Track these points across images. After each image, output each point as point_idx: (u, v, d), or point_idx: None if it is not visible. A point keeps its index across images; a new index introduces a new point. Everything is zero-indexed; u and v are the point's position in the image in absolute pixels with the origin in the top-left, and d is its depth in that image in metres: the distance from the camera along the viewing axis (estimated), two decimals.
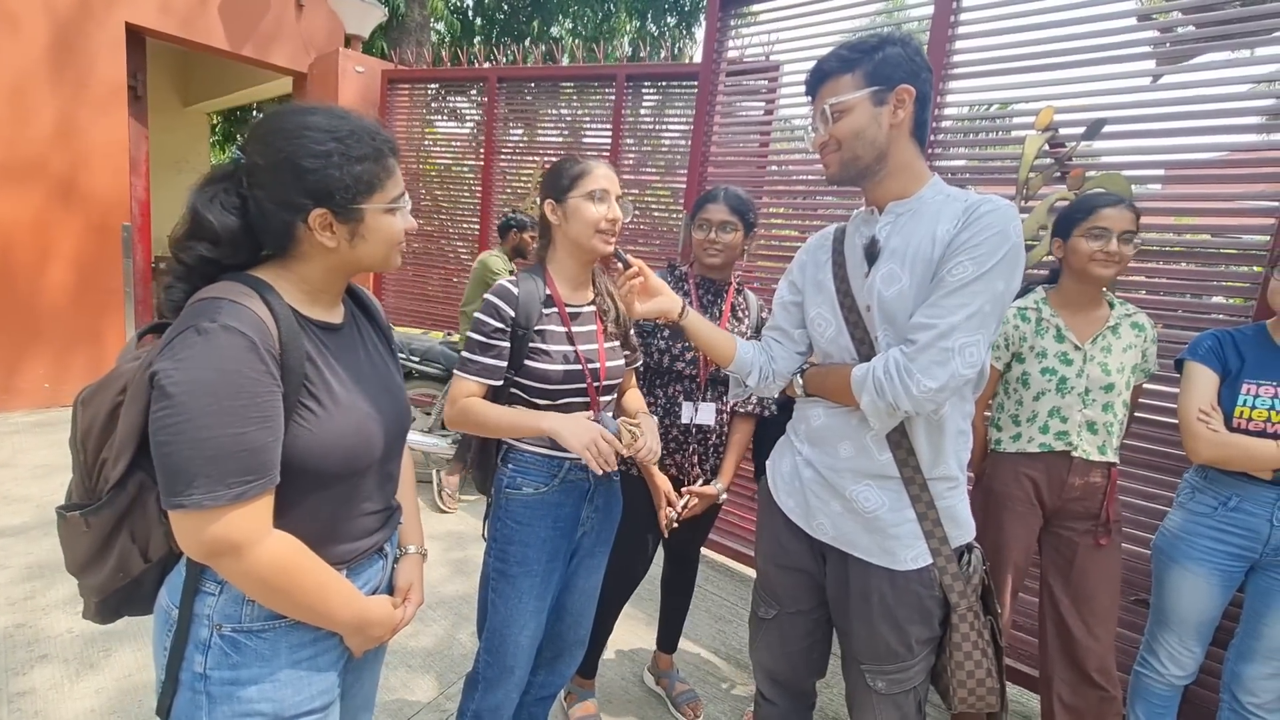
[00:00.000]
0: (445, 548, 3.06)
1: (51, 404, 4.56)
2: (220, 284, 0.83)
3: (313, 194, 0.83)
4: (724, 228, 1.80)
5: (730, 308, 1.86)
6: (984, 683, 1.18)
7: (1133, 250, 1.62)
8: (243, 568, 0.80)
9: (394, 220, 0.91)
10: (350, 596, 0.91)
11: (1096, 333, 1.68)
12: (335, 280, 0.94)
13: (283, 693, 0.88)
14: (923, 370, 1.03)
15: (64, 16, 4.35)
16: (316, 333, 0.90)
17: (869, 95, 1.11)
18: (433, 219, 5.08)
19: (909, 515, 1.17)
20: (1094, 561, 1.69)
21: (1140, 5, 2.16)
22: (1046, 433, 1.70)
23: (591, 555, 1.55)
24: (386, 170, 0.89)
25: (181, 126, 7.67)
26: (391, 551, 1.07)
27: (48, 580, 2.45)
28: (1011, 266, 1.04)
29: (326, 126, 0.84)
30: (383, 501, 1.01)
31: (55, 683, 1.94)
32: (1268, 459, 1.50)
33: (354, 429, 0.89)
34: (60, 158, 4.43)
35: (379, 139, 0.88)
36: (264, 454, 0.79)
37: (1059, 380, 1.68)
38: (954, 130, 2.60)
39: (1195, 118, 2.01)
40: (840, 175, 1.18)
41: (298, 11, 5.48)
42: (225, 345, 0.76)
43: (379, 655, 1.12)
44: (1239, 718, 1.63)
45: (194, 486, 0.74)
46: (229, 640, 0.85)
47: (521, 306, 1.36)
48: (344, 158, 0.84)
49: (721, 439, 1.87)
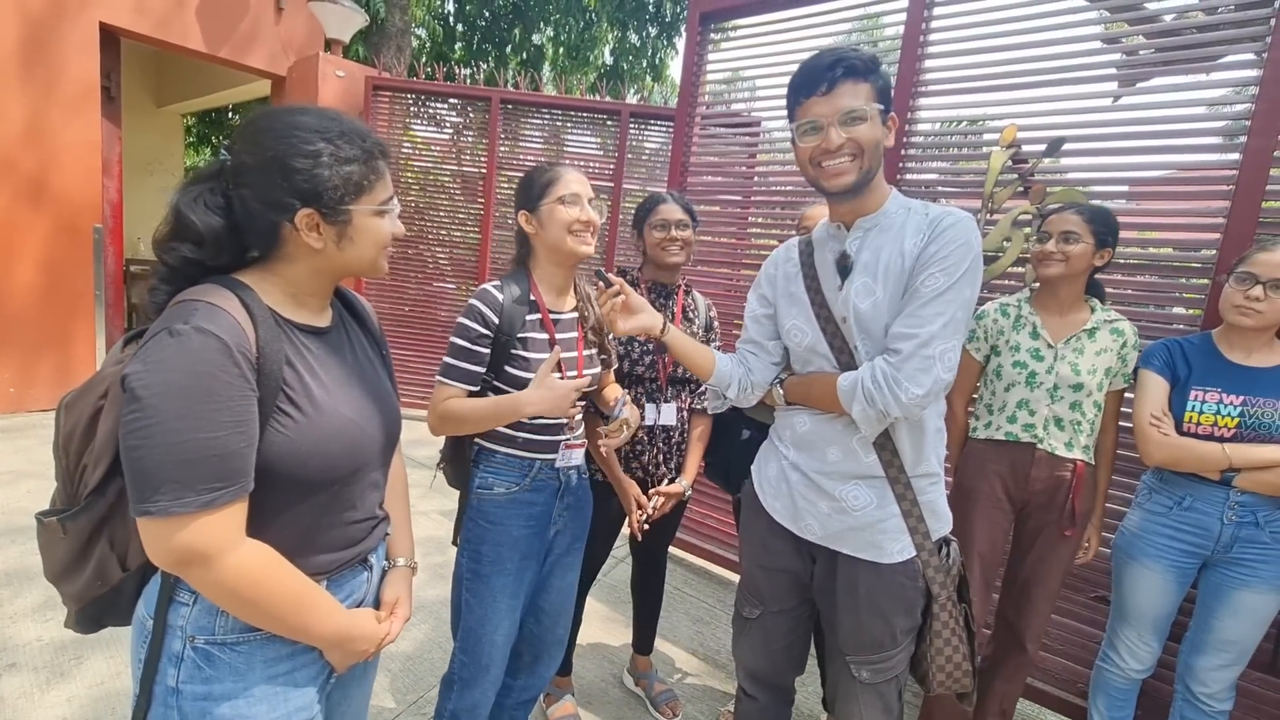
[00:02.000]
0: (424, 552, 3.04)
1: (17, 409, 4.44)
2: (200, 286, 0.81)
3: (300, 194, 0.82)
4: (680, 225, 1.85)
5: (681, 309, 1.92)
6: (960, 666, 1.26)
7: (1080, 248, 1.71)
8: (212, 578, 0.77)
9: (382, 223, 0.90)
10: (330, 610, 0.88)
11: (1072, 334, 1.76)
12: (321, 283, 0.92)
13: (256, 709, 0.85)
14: (909, 378, 1.10)
15: (36, 15, 4.27)
16: (299, 336, 0.88)
17: (879, 112, 1.16)
18: (412, 224, 5.09)
19: (894, 511, 1.23)
20: (1053, 551, 1.80)
21: (1101, 30, 2.26)
22: (1014, 423, 1.79)
23: (566, 554, 1.58)
24: (376, 172, 0.88)
25: (155, 128, 7.55)
26: (378, 563, 1.04)
27: (15, 589, 2.39)
28: (975, 274, 1.13)
29: (316, 127, 0.83)
30: (367, 511, 0.97)
31: (25, 691, 1.90)
32: (1214, 461, 1.58)
33: (334, 435, 0.87)
34: (30, 158, 4.34)
35: (369, 141, 0.87)
36: (235, 460, 0.76)
37: (1028, 374, 1.77)
38: (925, 145, 2.69)
39: (1151, 137, 2.12)
40: (859, 182, 1.16)
41: (277, 15, 5.45)
42: (197, 348, 0.74)
43: (369, 672, 1.09)
44: (1191, 707, 1.71)
45: (161, 493, 0.72)
46: (202, 653, 0.83)
47: (505, 313, 1.38)
48: (333, 158, 0.83)
49: (684, 437, 1.92)
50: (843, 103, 1.12)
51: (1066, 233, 1.72)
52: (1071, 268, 1.73)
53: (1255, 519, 1.59)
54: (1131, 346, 1.77)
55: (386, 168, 0.91)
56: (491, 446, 1.44)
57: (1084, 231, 1.71)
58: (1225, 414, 1.60)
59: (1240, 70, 2.01)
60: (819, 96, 1.14)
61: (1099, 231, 1.72)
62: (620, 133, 4.74)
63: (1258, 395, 1.58)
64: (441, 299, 5.16)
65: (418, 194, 5.15)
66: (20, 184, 4.33)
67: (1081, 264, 1.73)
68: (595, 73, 10.05)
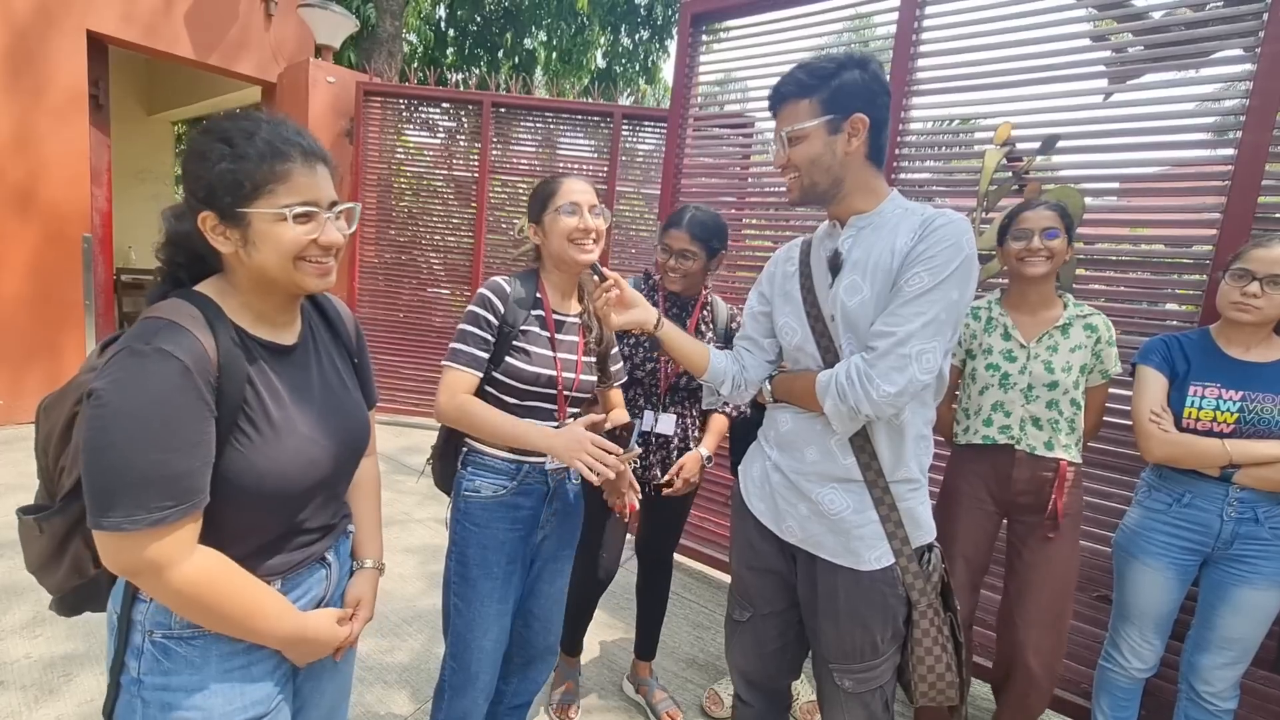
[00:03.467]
0: (421, 561, 3.02)
1: (6, 421, 4.39)
2: (168, 302, 0.83)
3: (196, 194, 0.83)
4: (683, 255, 1.81)
5: (696, 322, 1.89)
6: (943, 677, 1.23)
7: (1060, 244, 1.70)
8: (162, 585, 0.80)
9: (287, 228, 0.83)
10: (279, 614, 0.90)
11: (1044, 332, 1.75)
12: (267, 297, 0.90)
13: (212, 701, 0.87)
14: (882, 376, 1.08)
15: (22, 22, 4.23)
16: (262, 354, 0.89)
17: (824, 124, 1.15)
18: (405, 230, 5.07)
19: (872, 517, 1.20)
20: (1042, 555, 1.76)
21: (1093, 27, 2.26)
22: (990, 425, 1.78)
23: (554, 559, 1.57)
24: (279, 175, 0.82)
25: (146, 136, 7.51)
26: (337, 562, 1.04)
27: (3, 605, 2.35)
28: (965, 276, 1.10)
29: (226, 129, 0.82)
30: (325, 519, 0.99)
31: (13, 710, 1.86)
32: (1214, 457, 1.58)
33: (292, 455, 0.88)
34: (18, 167, 4.30)
35: (281, 140, 0.83)
36: (188, 480, 0.78)
37: (1002, 376, 1.76)
38: (918, 144, 2.69)
39: (1144, 134, 2.12)
40: (801, 198, 1.24)
41: (266, 21, 5.42)
42: (155, 371, 0.76)
43: (343, 664, 1.09)
44: (1196, 706, 1.69)
45: (114, 510, 0.74)
46: (160, 646, 0.86)
47: (511, 305, 1.41)
48: (224, 157, 0.81)
49: (682, 447, 1.90)
50: (783, 125, 1.19)
51: (1048, 229, 1.70)
52: (1056, 264, 1.73)
53: (1255, 515, 1.58)
54: (1106, 342, 1.74)
55: (311, 171, 0.85)
56: (480, 447, 1.44)
57: (1060, 226, 1.71)
58: (1225, 409, 1.59)
59: (1232, 65, 2.01)
60: (774, 118, 1.23)
61: (1070, 226, 1.72)
62: (613, 135, 4.73)
63: (1257, 390, 1.57)
64: (435, 305, 5.13)
65: (411, 200, 5.13)
66: (8, 193, 4.28)
67: (1062, 259, 1.73)
68: (588, 76, 10.04)
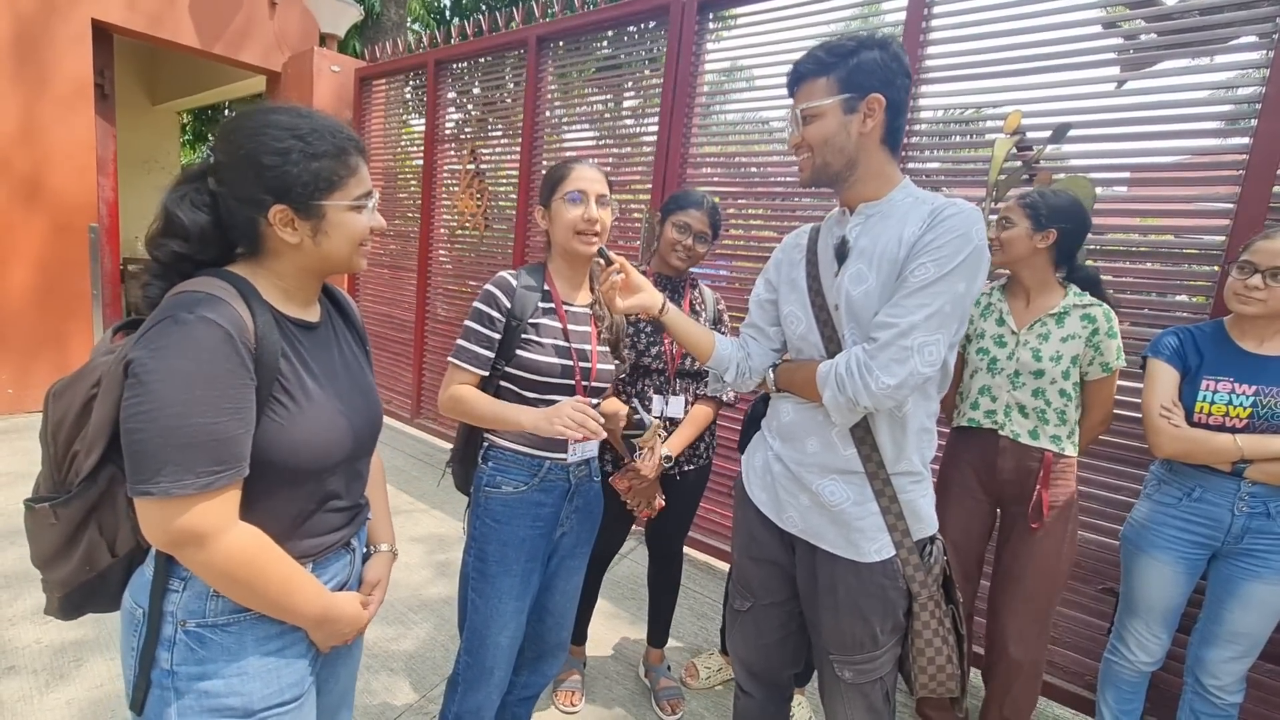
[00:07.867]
0: (428, 550, 3.04)
1: (15, 410, 4.43)
2: (199, 279, 0.84)
3: (272, 190, 0.84)
4: (701, 238, 1.83)
5: (689, 304, 1.89)
6: (944, 669, 1.22)
7: (1012, 233, 1.74)
8: (205, 558, 0.80)
9: (357, 218, 0.92)
10: (315, 591, 0.92)
11: (1036, 319, 1.74)
12: (307, 279, 0.95)
13: (251, 686, 0.88)
14: (882, 367, 1.06)
15: (27, 12, 4.23)
16: (293, 330, 0.91)
17: (840, 102, 1.13)
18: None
19: (873, 509, 1.19)
20: (1026, 546, 1.76)
21: (1105, 14, 2.22)
22: (976, 409, 1.80)
23: (571, 556, 1.55)
24: (349, 168, 0.90)
25: (150, 125, 7.51)
26: (359, 548, 1.08)
27: (15, 591, 2.38)
28: (973, 268, 1.07)
29: (287, 124, 0.85)
30: (351, 499, 1.02)
31: (24, 695, 1.89)
32: (1226, 452, 1.56)
33: (325, 426, 0.91)
34: (23, 157, 4.31)
35: (340, 136, 0.89)
36: (234, 445, 0.79)
37: (990, 360, 1.78)
38: (927, 133, 2.66)
39: (1156, 122, 2.08)
40: (812, 179, 1.22)
41: (271, 10, 5.40)
42: (201, 336, 0.77)
43: (354, 649, 1.12)
44: (1201, 700, 1.69)
45: (162, 474, 0.75)
46: (194, 635, 0.86)
47: (518, 299, 1.39)
48: (303, 154, 0.85)
49: None
50: (799, 104, 1.19)
51: (1003, 218, 1.75)
52: (1007, 253, 1.75)
53: (1267, 510, 1.57)
54: (1105, 334, 1.69)
55: (362, 163, 0.92)
56: (502, 442, 1.43)
57: (1019, 216, 1.73)
58: (1237, 404, 1.57)
59: (1247, 53, 1.97)
60: (791, 98, 1.22)
61: (1035, 215, 1.71)
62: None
63: (1271, 385, 1.55)
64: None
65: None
66: (14, 183, 4.30)
67: (1019, 248, 1.73)
68: None
